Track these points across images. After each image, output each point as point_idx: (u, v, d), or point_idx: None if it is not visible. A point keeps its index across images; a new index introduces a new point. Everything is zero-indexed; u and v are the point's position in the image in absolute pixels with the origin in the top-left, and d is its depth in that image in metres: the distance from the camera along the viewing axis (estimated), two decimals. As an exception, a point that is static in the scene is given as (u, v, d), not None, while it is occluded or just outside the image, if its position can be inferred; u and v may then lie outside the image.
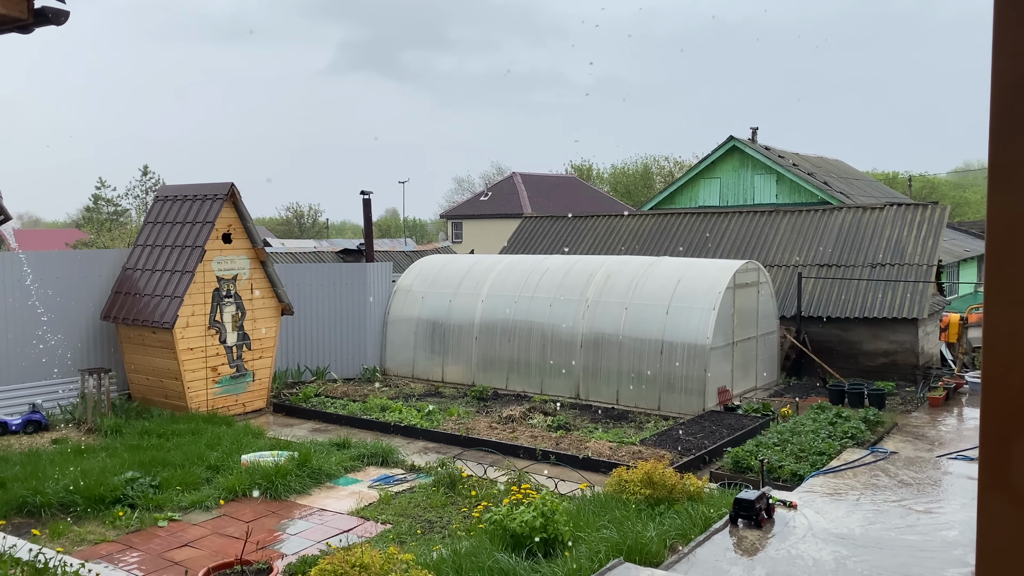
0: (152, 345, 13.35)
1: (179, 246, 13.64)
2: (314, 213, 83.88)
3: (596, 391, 14.74)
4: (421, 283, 17.53)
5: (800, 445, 10.51)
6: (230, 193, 13.71)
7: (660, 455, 10.54)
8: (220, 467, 10.26)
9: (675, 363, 13.94)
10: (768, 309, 16.18)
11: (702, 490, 8.00)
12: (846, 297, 17.04)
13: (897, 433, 12.28)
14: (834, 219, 19.08)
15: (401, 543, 7.83)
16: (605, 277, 15.45)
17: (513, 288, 16.25)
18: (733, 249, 19.40)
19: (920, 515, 7.65)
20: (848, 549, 6.75)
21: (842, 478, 8.92)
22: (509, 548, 6.54)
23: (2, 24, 5.32)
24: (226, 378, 13.80)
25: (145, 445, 11.17)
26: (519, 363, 15.67)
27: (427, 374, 16.84)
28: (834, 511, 7.74)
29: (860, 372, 16.42)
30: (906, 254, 17.28)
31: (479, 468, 10.37)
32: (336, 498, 9.57)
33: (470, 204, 50.33)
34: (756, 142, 29.23)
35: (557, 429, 12.47)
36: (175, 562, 7.73)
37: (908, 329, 16.24)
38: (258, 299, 14.32)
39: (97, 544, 8.15)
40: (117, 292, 13.94)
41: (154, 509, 9.02)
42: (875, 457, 9.82)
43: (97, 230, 53.02)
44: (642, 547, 6.51)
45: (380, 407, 13.65)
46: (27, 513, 8.85)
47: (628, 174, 68.17)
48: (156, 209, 14.57)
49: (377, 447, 11.16)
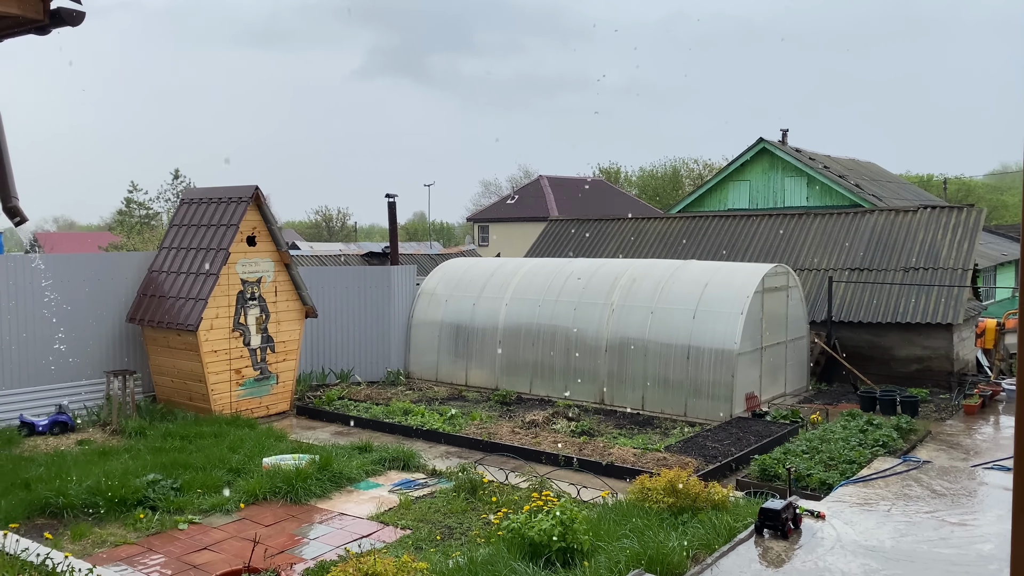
0: (177, 347, 13.41)
1: (204, 248, 13.69)
2: (343, 216, 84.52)
3: (621, 396, 14.56)
4: (445, 286, 17.47)
5: (829, 453, 10.27)
6: (254, 196, 13.74)
7: (685, 462, 10.35)
8: (242, 470, 10.24)
9: (702, 368, 13.72)
10: (798, 313, 15.89)
11: (727, 499, 7.81)
12: (878, 301, 16.69)
13: (931, 441, 11.96)
14: (866, 222, 18.72)
15: (419, 549, 7.73)
16: (631, 281, 15.27)
17: (537, 292, 16.12)
18: (762, 252, 19.11)
19: (954, 527, 7.39)
20: (878, 562, 6.53)
21: (873, 488, 8.68)
22: (527, 556, 6.41)
23: (19, 25, 5.32)
24: (250, 380, 13.82)
25: (168, 447, 11.20)
26: (543, 367, 15.54)
27: (451, 378, 16.76)
28: (864, 522, 7.51)
29: (892, 378, 16.06)
30: (940, 258, 16.90)
31: (500, 473, 10.25)
32: (356, 502, 9.50)
33: (497, 207, 50.30)
34: (786, 144, 28.84)
35: (581, 435, 12.32)
36: (195, 565, 7.70)
37: (942, 334, 15.86)
38: (282, 301, 14.34)
39: (118, 546, 8.15)
40: (143, 294, 14.03)
41: (175, 512, 9.01)
42: (907, 466, 9.55)
43: (128, 232, 53.73)
44: (663, 557, 6.35)
45: (403, 411, 13.58)
46: (50, 514, 8.89)
47: (656, 177, 67.73)
48: (181, 212, 14.65)
49: (399, 451, 11.09)
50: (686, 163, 67.66)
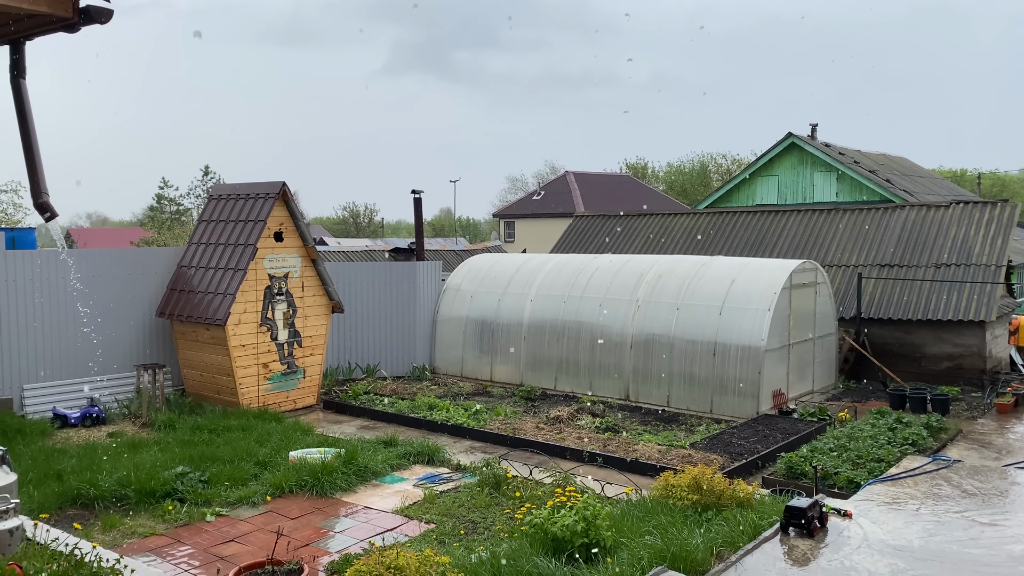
0: (205, 341, 13.57)
1: (232, 244, 13.83)
2: (370, 213, 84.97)
3: (646, 393, 14.50)
4: (470, 282, 17.50)
5: (857, 451, 10.15)
6: (281, 192, 13.85)
7: (710, 459, 10.28)
8: (268, 463, 10.35)
9: (728, 365, 13.62)
10: (826, 310, 15.72)
11: (752, 496, 7.74)
12: (908, 298, 16.46)
13: (961, 440, 11.78)
14: (896, 217, 18.46)
15: (443, 544, 7.76)
16: (656, 277, 15.19)
17: (562, 288, 16.09)
18: (790, 248, 18.92)
19: (984, 527, 7.27)
20: (906, 562, 6.45)
21: (901, 486, 8.56)
22: (550, 552, 6.40)
23: (49, 23, 5.40)
24: (277, 375, 13.95)
25: (196, 440, 11.34)
26: (568, 363, 15.52)
27: (476, 373, 16.79)
28: (892, 521, 7.41)
29: (923, 376, 15.83)
30: (973, 254, 16.62)
31: (525, 469, 10.25)
32: (381, 496, 9.56)
33: (523, 203, 50.27)
34: (816, 139, 28.51)
35: (605, 431, 12.29)
36: (222, 557, 7.79)
37: (974, 332, 15.60)
38: (309, 297, 14.45)
39: (147, 537, 8.27)
40: (172, 289, 14.21)
41: (203, 504, 9.12)
42: (937, 465, 9.40)
43: (159, 228, 54.43)
44: (687, 554, 6.31)
45: (428, 405, 13.64)
46: (82, 505, 9.04)
47: (684, 172, 67.32)
48: (210, 208, 14.81)
49: (423, 446, 11.13)
50: (714, 158, 67.23)
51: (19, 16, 5.21)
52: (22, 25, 5.42)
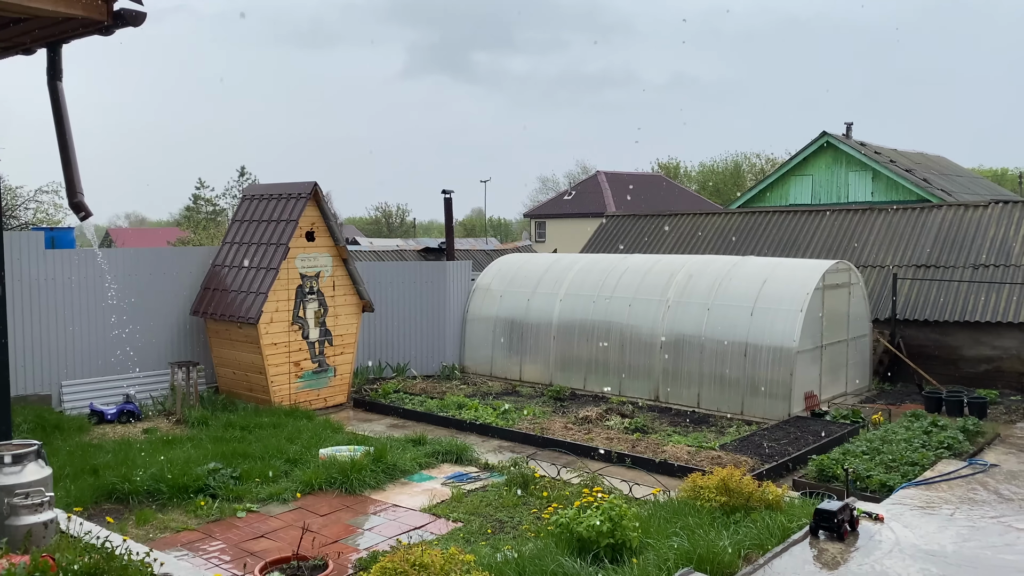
0: (238, 340, 13.75)
1: (264, 243, 13.99)
2: (402, 213, 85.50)
3: (676, 394, 14.40)
4: (500, 282, 17.52)
5: (891, 454, 9.99)
6: (313, 192, 13.98)
7: (740, 461, 10.19)
8: (298, 460, 10.45)
9: (759, 366, 13.49)
10: (860, 311, 15.49)
11: (781, 499, 7.66)
12: (945, 299, 16.17)
13: (999, 445, 11.53)
14: (933, 217, 18.14)
15: (469, 542, 7.78)
16: (687, 277, 15.08)
17: (592, 287, 16.05)
18: (824, 249, 18.68)
19: (1021, 533, 7.13)
20: (938, 567, 6.34)
21: (935, 491, 8.42)
22: (575, 552, 6.40)
23: (85, 27, 5.52)
24: (308, 373, 14.09)
25: (228, 437, 11.49)
26: (597, 363, 15.47)
27: (505, 372, 16.81)
28: (925, 526, 7.29)
29: (960, 379, 15.54)
30: (1012, 254, 16.27)
31: (552, 469, 10.24)
32: (409, 494, 9.61)
33: (554, 203, 50.23)
34: (850, 138, 28.12)
35: (634, 431, 12.23)
36: (252, 552, 7.89)
37: (1014, 334, 15.28)
38: (340, 296, 14.57)
39: (179, 532, 8.40)
40: (206, 288, 14.42)
41: (234, 500, 9.24)
42: (973, 469, 9.24)
43: (195, 228, 55.26)
44: (714, 556, 6.26)
45: (457, 404, 13.68)
46: (116, 499, 9.21)
47: (717, 172, 66.79)
48: (243, 208, 15.00)
49: (452, 444, 11.17)
50: (748, 157, 66.61)
51: (55, 20, 5.33)
52: (58, 28, 5.54)
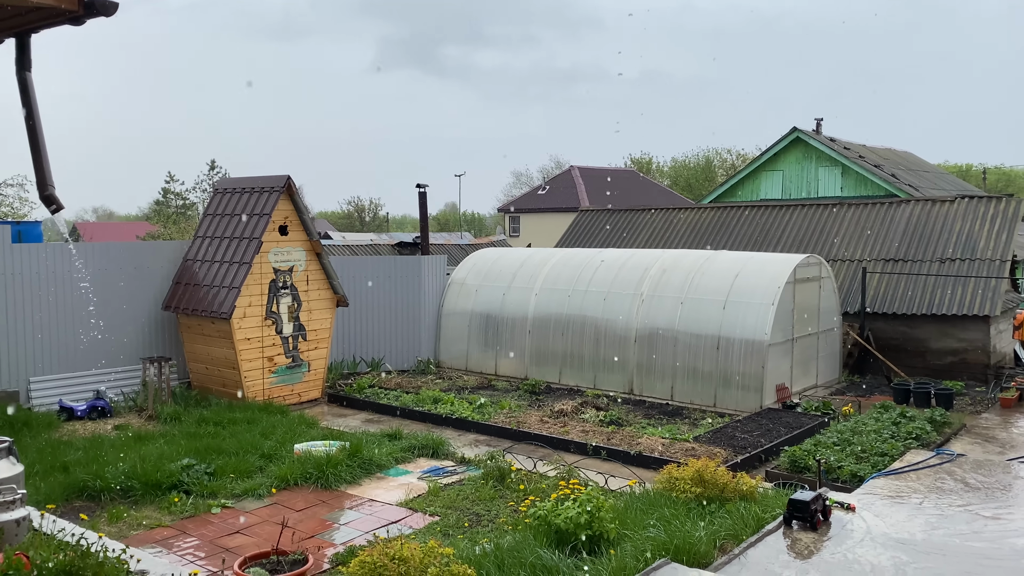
0: (211, 335, 13.61)
1: (237, 238, 13.86)
2: (375, 207, 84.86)
3: (650, 386, 14.51)
4: (475, 276, 17.52)
5: (861, 445, 10.15)
6: (286, 186, 13.87)
7: (714, 453, 10.30)
8: (273, 456, 10.39)
9: (732, 359, 13.63)
10: (830, 305, 15.71)
11: (755, 489, 7.77)
12: (913, 293, 16.44)
13: (965, 435, 11.78)
14: (901, 212, 18.42)
15: (447, 536, 7.79)
16: (660, 271, 15.19)
17: (567, 282, 16.10)
18: (794, 243, 18.90)
19: (988, 521, 7.28)
20: (909, 555, 6.46)
21: (905, 480, 8.57)
22: (553, 544, 6.43)
23: (55, 16, 5.41)
24: (282, 368, 13.99)
25: (202, 433, 11.39)
26: (572, 357, 15.53)
27: (480, 367, 16.82)
28: (895, 515, 7.42)
29: (927, 371, 15.83)
30: (978, 249, 16.58)
31: (529, 462, 10.28)
32: (386, 489, 9.60)
33: (528, 198, 50.24)
34: (820, 133, 28.45)
35: (609, 424, 12.31)
36: (227, 549, 7.83)
37: (979, 327, 15.58)
38: (314, 290, 14.48)
39: (153, 529, 8.32)
40: (178, 283, 14.25)
41: (208, 496, 9.17)
42: (941, 459, 9.41)
43: (165, 222, 54.54)
44: (690, 547, 6.33)
45: (432, 399, 13.67)
46: (88, 496, 9.10)
47: (689, 167, 67.17)
48: (215, 201, 14.84)
49: (428, 439, 11.17)
50: (719, 153, 67.05)
51: (25, 9, 5.23)
52: (28, 18, 5.43)
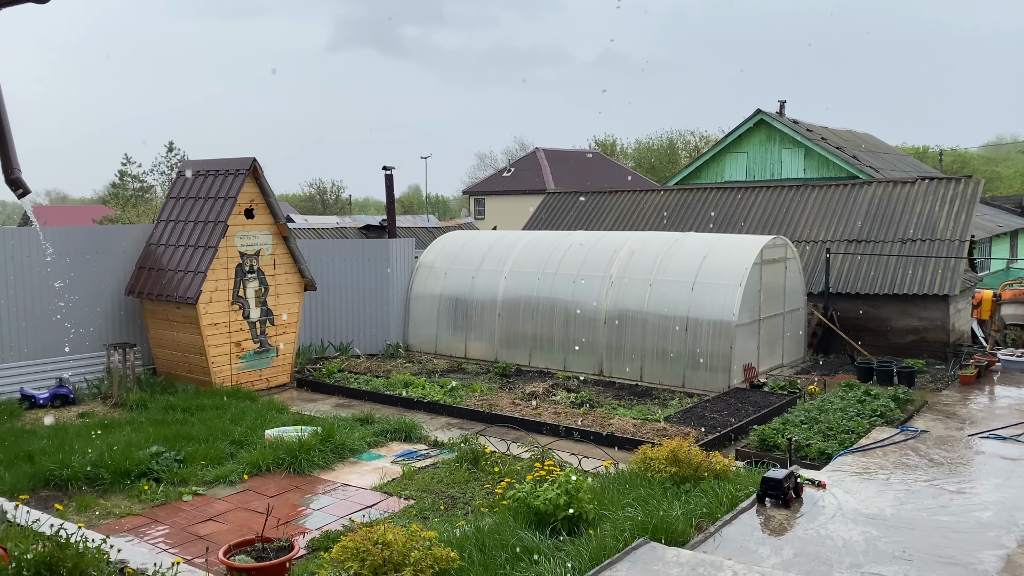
0: (176, 320, 13.40)
1: (202, 221, 13.63)
2: (337, 189, 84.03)
3: (620, 368, 14.62)
4: (443, 259, 17.45)
5: (828, 423, 10.35)
6: (252, 168, 13.66)
7: (685, 432, 10.43)
8: (244, 442, 10.29)
9: (700, 340, 13.78)
10: (795, 285, 15.94)
11: (728, 468, 7.88)
12: (875, 273, 16.74)
13: (927, 411, 12.06)
14: (864, 194, 18.72)
15: (424, 519, 7.80)
16: (629, 254, 15.27)
17: (536, 265, 16.12)
18: (760, 224, 19.12)
19: (952, 495, 7.48)
20: (879, 530, 6.62)
21: (871, 457, 8.76)
22: (533, 525, 6.47)
23: (19, -6, 5.24)
24: (250, 353, 13.84)
25: (170, 420, 11.24)
26: (542, 340, 15.58)
27: (450, 350, 16.80)
28: (864, 491, 7.59)
29: (889, 349, 16.16)
30: (938, 229, 16.93)
31: (502, 444, 10.32)
32: (359, 473, 9.56)
33: (493, 180, 50.12)
34: (784, 115, 28.74)
35: (580, 406, 12.39)
36: (200, 536, 7.76)
37: (939, 306, 15.93)
38: (281, 274, 14.31)
39: (123, 518, 8.20)
40: (141, 267, 13.99)
41: (179, 483, 9.06)
42: (905, 436, 9.63)
43: (123, 206, 53.42)
44: (668, 526, 6.41)
45: (403, 383, 13.63)
46: (54, 486, 8.93)
47: (653, 149, 67.52)
48: (179, 184, 14.57)
49: (400, 423, 11.14)
50: (682, 135, 67.51)
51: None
52: (-10, -5, 5.25)
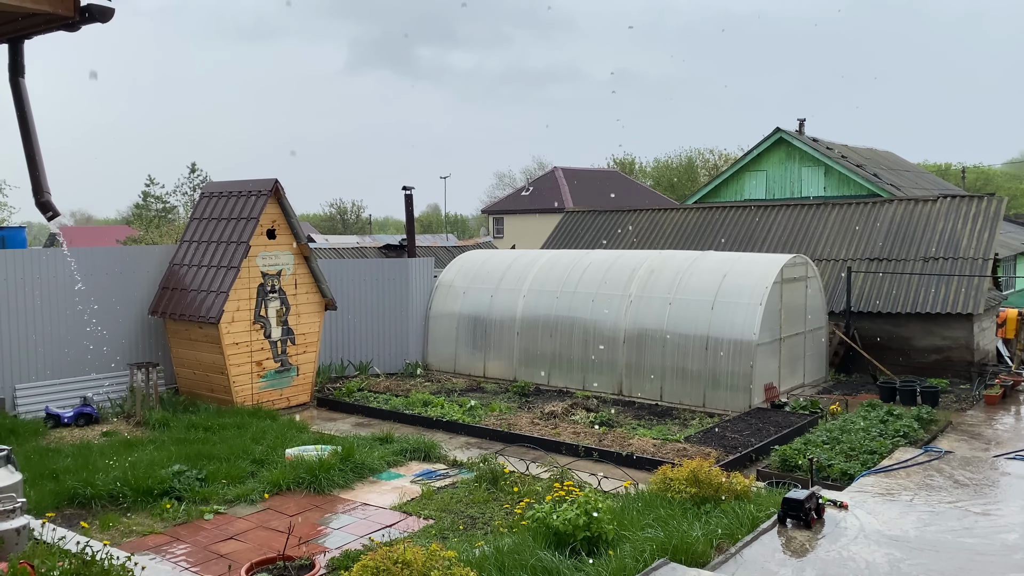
0: (198, 340, 13.53)
1: (224, 242, 13.79)
2: (357, 209, 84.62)
3: (639, 387, 14.58)
4: (463, 278, 17.52)
5: (850, 443, 10.25)
6: (274, 189, 13.82)
7: (705, 453, 10.37)
8: (265, 461, 10.35)
9: (720, 359, 13.72)
10: (816, 304, 15.84)
11: (749, 489, 7.83)
12: (897, 292, 16.61)
13: (952, 432, 11.92)
14: (884, 211, 18.61)
15: (443, 539, 7.79)
16: (648, 272, 15.26)
17: (555, 283, 16.14)
18: (780, 243, 19.05)
19: (978, 517, 7.38)
20: (902, 551, 6.54)
21: (894, 478, 8.67)
22: (552, 546, 6.45)
23: (50, 22, 5.38)
24: (271, 372, 13.94)
25: (191, 438, 11.32)
26: (561, 359, 15.57)
27: (469, 369, 16.82)
28: (887, 512, 7.51)
29: (912, 369, 16.00)
30: (960, 247, 16.79)
31: (521, 464, 10.30)
32: (379, 492, 9.58)
33: (511, 199, 50.27)
34: (803, 134, 28.68)
35: (600, 425, 12.35)
36: (221, 555, 7.80)
37: (963, 325, 15.77)
38: (302, 294, 14.43)
39: (145, 536, 8.26)
40: (164, 287, 14.16)
41: (200, 502, 9.12)
42: (929, 456, 9.53)
43: (146, 227, 54.07)
44: (688, 547, 6.38)
45: (422, 402, 13.66)
46: (78, 504, 9.02)
47: (672, 168, 67.48)
48: (202, 205, 14.76)
49: (419, 442, 11.16)
50: (701, 153, 67.41)
51: (21, 15, 5.19)
52: (22, 24, 5.39)
